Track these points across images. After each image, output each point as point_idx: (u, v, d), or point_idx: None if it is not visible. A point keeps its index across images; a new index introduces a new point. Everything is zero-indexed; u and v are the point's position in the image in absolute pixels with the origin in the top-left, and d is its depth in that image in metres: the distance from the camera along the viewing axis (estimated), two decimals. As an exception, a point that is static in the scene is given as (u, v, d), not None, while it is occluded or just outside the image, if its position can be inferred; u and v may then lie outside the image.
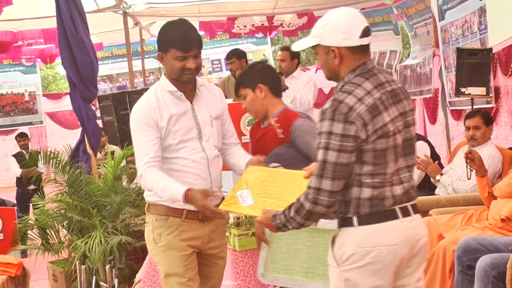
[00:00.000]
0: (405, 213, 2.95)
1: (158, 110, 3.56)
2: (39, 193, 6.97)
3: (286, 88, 7.45)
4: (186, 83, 3.62)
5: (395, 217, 2.93)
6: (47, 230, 6.65)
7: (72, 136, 14.64)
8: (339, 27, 2.93)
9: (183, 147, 3.61)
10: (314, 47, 3.05)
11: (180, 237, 3.63)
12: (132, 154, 7.61)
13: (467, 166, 5.49)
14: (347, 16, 2.97)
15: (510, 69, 7.34)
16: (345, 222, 2.95)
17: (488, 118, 5.76)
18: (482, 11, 7.84)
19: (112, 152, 7.45)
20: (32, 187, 9.86)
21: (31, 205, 8.50)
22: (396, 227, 2.94)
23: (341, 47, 2.95)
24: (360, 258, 2.90)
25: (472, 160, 5.12)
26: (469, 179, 5.65)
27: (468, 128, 5.73)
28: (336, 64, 2.97)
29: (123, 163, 7.10)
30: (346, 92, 2.88)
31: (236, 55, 8.20)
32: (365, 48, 3.00)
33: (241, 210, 3.37)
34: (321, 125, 2.85)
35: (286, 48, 7.85)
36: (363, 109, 2.83)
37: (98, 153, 8.34)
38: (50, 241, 6.67)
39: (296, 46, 3.17)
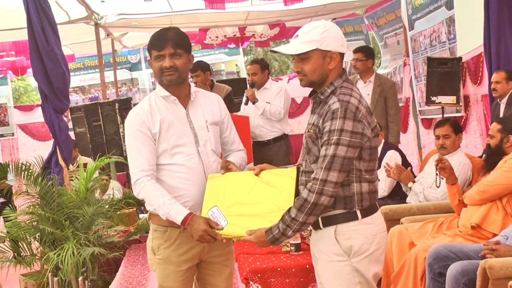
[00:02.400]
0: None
1: (150, 116, 3.58)
2: (10, 205, 6.90)
3: (256, 100, 7.50)
4: (177, 88, 3.63)
5: (377, 207, 3.31)
6: (19, 243, 6.59)
7: (44, 148, 14.54)
8: (337, 35, 3.24)
9: (178, 152, 3.60)
10: (302, 53, 3.22)
11: (178, 251, 3.65)
12: (104, 166, 7.62)
13: (436, 174, 5.55)
14: (337, 27, 3.29)
15: (479, 78, 7.43)
16: (349, 217, 3.20)
17: (457, 126, 5.81)
18: (451, 20, 7.94)
19: (85, 164, 7.41)
20: (1, 200, 9.75)
21: (1, 218, 8.41)
22: (381, 216, 3.35)
23: (338, 53, 3.23)
24: (368, 247, 3.21)
25: (443, 168, 5.18)
26: (438, 186, 5.71)
27: (438, 137, 5.78)
28: (331, 68, 3.23)
29: (96, 174, 7.06)
30: (347, 94, 3.15)
31: (202, 68, 8.01)
32: None
33: (223, 232, 3.44)
34: (331, 123, 3.09)
35: (255, 61, 7.85)
36: (364, 110, 3.14)
37: (70, 165, 8.29)
38: (22, 254, 6.61)
39: (290, 50, 3.29)
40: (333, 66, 3.21)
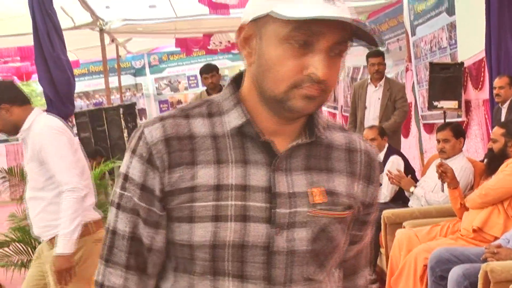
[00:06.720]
0: None
1: None
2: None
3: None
4: None
5: None
6: (24, 247, 6.60)
7: (49, 153, 14.54)
8: None
9: None
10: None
11: None
12: (110, 170, 7.65)
13: (442, 180, 5.58)
14: None
15: (481, 83, 7.46)
16: None
17: (457, 131, 5.77)
18: (452, 26, 7.97)
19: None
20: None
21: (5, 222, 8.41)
22: None
23: None
24: None
25: (444, 172, 5.20)
26: (442, 191, 5.74)
27: (438, 141, 5.80)
28: None
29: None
30: None
31: (216, 69, 8.25)
32: None
33: None
34: None
35: None
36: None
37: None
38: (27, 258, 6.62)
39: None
40: None
